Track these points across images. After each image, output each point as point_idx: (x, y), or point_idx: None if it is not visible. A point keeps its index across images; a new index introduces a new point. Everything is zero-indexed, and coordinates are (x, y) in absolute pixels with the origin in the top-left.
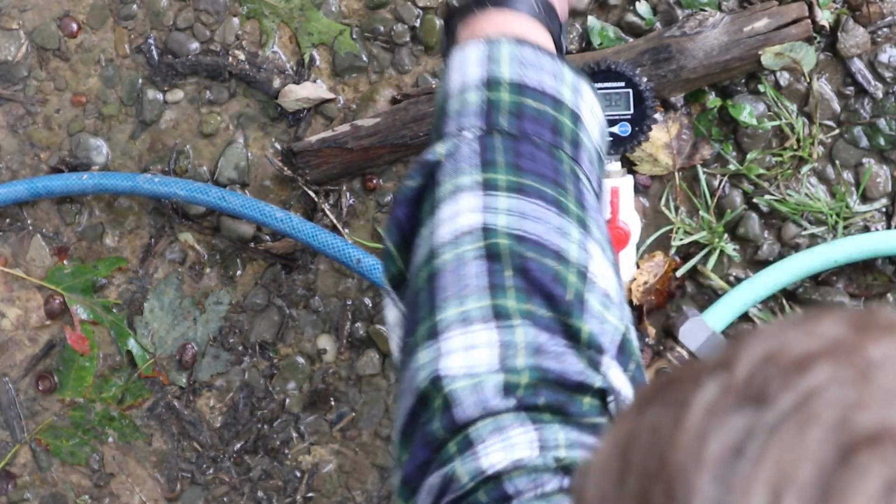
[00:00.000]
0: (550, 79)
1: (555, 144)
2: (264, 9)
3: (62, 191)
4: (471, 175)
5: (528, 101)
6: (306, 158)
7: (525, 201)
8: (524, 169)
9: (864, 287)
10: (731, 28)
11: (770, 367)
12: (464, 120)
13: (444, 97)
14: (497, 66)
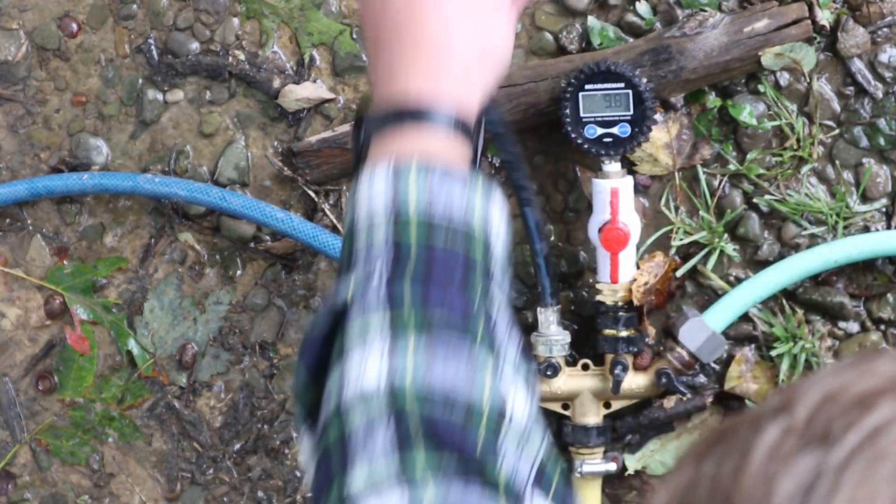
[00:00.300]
0: (460, 211)
1: (465, 281)
2: (264, 9)
3: (62, 191)
4: (379, 319)
5: (436, 240)
6: (306, 158)
7: (434, 345)
8: (432, 313)
9: (864, 287)
10: (731, 29)
11: (832, 407)
12: (372, 259)
13: (352, 226)
14: (405, 198)
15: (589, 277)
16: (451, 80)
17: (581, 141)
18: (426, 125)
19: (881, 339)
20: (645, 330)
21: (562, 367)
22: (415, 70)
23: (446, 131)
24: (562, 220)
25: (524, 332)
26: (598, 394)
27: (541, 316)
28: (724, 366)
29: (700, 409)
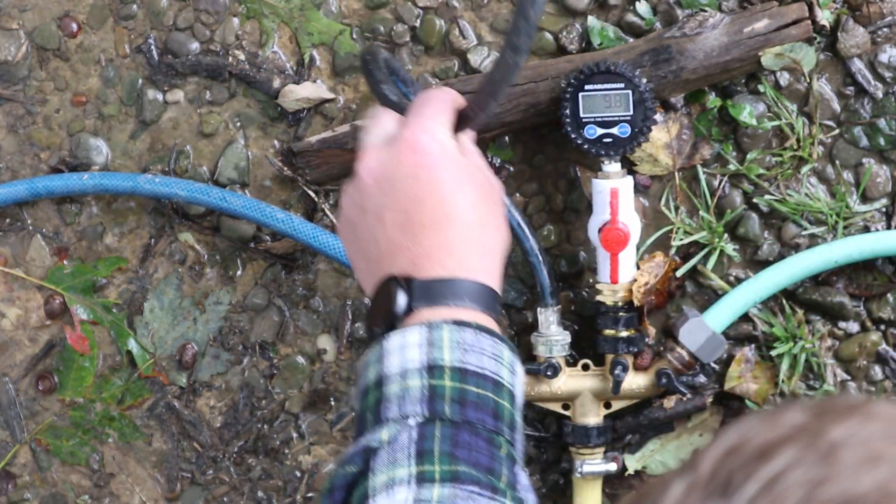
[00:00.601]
0: (491, 361)
1: (495, 430)
2: (264, 9)
3: (62, 191)
4: (406, 468)
5: (469, 388)
6: (306, 158)
7: (459, 489)
8: (460, 458)
9: (864, 287)
10: (731, 29)
11: (733, 459)
12: (406, 406)
13: (381, 379)
14: (439, 351)
15: (589, 277)
16: (492, 268)
17: (581, 141)
18: (468, 301)
19: (881, 338)
20: (645, 330)
21: (562, 368)
22: (469, 257)
23: (475, 305)
24: (562, 220)
25: (524, 331)
26: (599, 394)
27: (541, 316)
28: (724, 366)
29: (700, 409)
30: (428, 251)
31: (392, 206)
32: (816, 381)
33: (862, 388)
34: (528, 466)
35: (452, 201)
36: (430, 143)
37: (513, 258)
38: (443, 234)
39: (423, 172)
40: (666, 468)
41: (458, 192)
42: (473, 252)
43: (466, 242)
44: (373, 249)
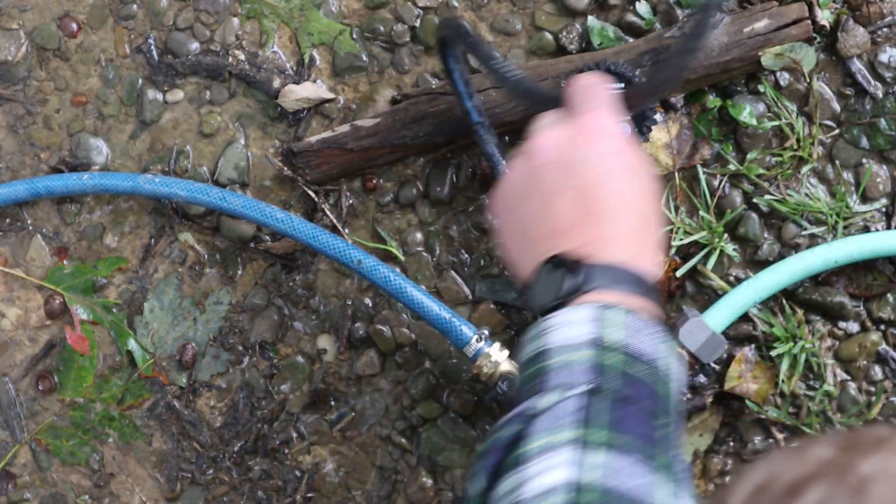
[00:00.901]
0: (658, 348)
1: (655, 412)
2: (264, 9)
3: (62, 191)
4: (569, 432)
5: (636, 368)
6: (306, 158)
7: (621, 458)
8: (625, 430)
9: (864, 287)
10: (730, 29)
11: (762, 498)
12: (572, 377)
13: (542, 352)
14: (609, 329)
15: None
16: (650, 257)
17: None
18: (628, 287)
19: (881, 338)
20: None
21: None
22: (627, 245)
23: (645, 294)
24: None
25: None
26: None
27: None
28: (724, 366)
29: (700, 409)
30: (603, 236)
31: (568, 188)
32: (816, 382)
33: (862, 388)
34: None
35: (627, 191)
36: (606, 132)
37: None
38: (618, 222)
39: (601, 160)
40: None
41: (632, 182)
42: (643, 243)
43: (637, 233)
44: (541, 227)
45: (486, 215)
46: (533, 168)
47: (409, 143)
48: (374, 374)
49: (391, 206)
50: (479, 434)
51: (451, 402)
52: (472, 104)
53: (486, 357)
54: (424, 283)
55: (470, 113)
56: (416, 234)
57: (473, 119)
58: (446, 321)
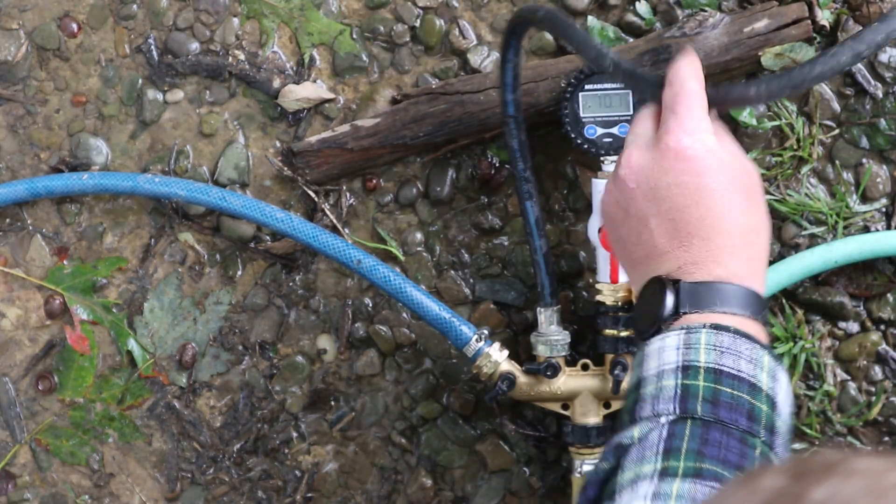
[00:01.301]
0: (748, 364)
1: (749, 431)
2: (264, 9)
3: (62, 191)
4: (652, 464)
5: (723, 388)
6: (306, 158)
7: (699, 485)
8: (707, 455)
9: (864, 287)
10: (731, 29)
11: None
12: (660, 405)
13: (640, 381)
14: (695, 352)
15: (589, 277)
16: (757, 270)
17: (581, 141)
18: (733, 306)
19: (881, 338)
20: None
21: (562, 367)
22: (737, 263)
23: (745, 311)
24: (562, 220)
25: (524, 331)
26: (598, 394)
27: (541, 316)
28: None
29: None
30: (695, 258)
31: (657, 214)
32: (816, 381)
33: (862, 388)
34: (529, 466)
35: (719, 210)
36: (693, 148)
37: (512, 258)
38: (710, 242)
39: (689, 179)
40: None
41: (725, 198)
42: (740, 257)
43: (734, 249)
44: (637, 251)
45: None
46: (623, 193)
47: (409, 143)
48: (374, 374)
49: (391, 206)
50: (478, 434)
51: (451, 402)
52: (512, 97)
53: (486, 357)
54: (424, 283)
55: (507, 105)
56: (416, 234)
57: (509, 112)
58: (446, 321)
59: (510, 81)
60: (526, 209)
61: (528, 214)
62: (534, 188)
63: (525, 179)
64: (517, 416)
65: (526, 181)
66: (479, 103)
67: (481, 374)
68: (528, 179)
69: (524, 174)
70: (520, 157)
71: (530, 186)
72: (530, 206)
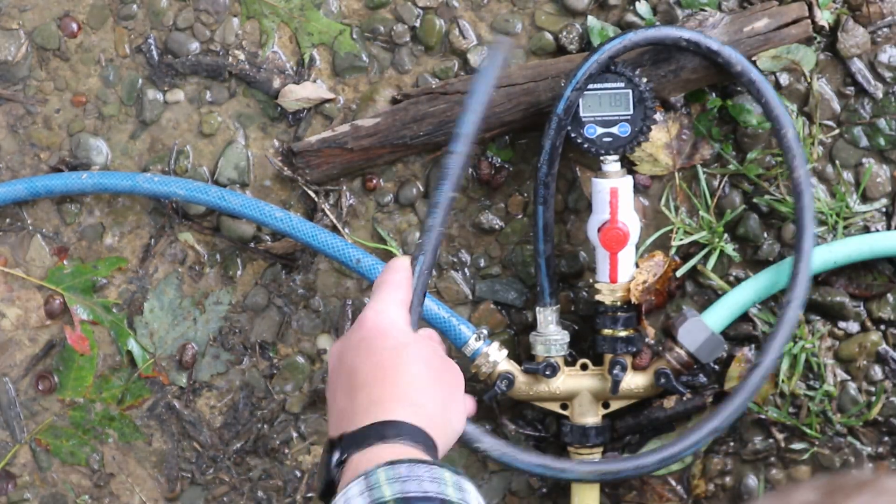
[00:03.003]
0: (432, 484)
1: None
2: (264, 9)
3: (62, 191)
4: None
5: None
6: (306, 158)
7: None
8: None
9: (864, 287)
10: (730, 28)
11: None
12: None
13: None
14: (378, 490)
15: (589, 277)
16: (425, 417)
17: (581, 140)
18: (382, 445)
19: (881, 338)
20: (644, 330)
21: (561, 367)
22: (394, 404)
23: (401, 442)
24: (561, 220)
25: (524, 331)
26: (597, 394)
27: (540, 315)
28: (723, 366)
29: (700, 409)
30: (358, 406)
31: (340, 380)
32: (816, 381)
33: (862, 388)
34: None
35: (387, 362)
36: (374, 319)
37: (512, 258)
38: (373, 390)
39: (363, 344)
40: (667, 469)
41: (396, 354)
42: (403, 400)
43: (395, 393)
44: (332, 422)
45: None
46: (328, 374)
47: (409, 143)
48: None
49: (391, 206)
50: None
51: None
52: (570, 94)
53: (485, 356)
54: None
55: (561, 101)
56: (416, 234)
57: (558, 110)
58: (445, 320)
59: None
60: (537, 212)
61: (538, 218)
62: (551, 195)
63: (545, 185)
64: (517, 415)
65: (545, 186)
66: None
67: (480, 374)
68: (548, 185)
69: (545, 179)
70: (547, 160)
71: (547, 193)
72: (542, 210)
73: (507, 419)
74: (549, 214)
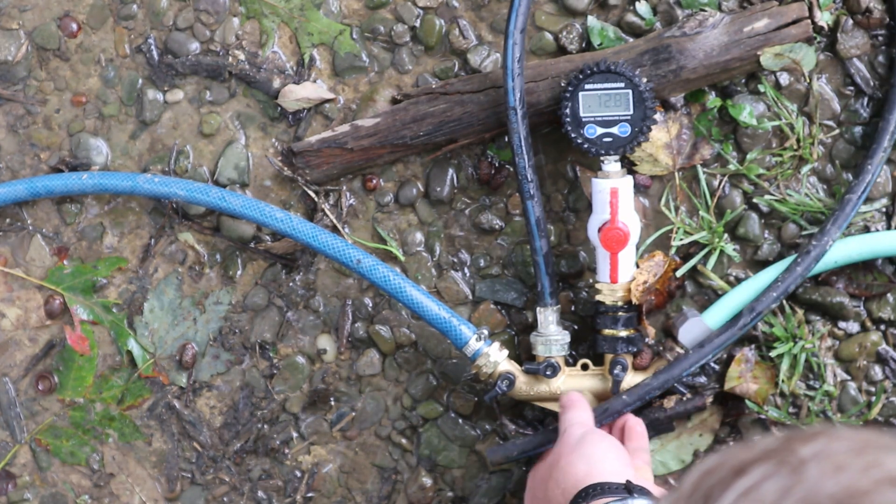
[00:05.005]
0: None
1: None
2: (264, 9)
3: (62, 191)
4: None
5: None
6: (306, 158)
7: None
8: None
9: (864, 287)
10: (731, 28)
11: (711, 477)
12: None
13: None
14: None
15: (589, 277)
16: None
17: (581, 141)
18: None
19: (881, 338)
20: (644, 330)
21: (561, 367)
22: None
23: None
24: (562, 220)
25: (524, 331)
26: (598, 394)
27: (540, 316)
28: (724, 366)
29: (700, 409)
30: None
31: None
32: (816, 381)
33: (862, 388)
34: (529, 466)
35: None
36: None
37: (512, 258)
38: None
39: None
40: (666, 468)
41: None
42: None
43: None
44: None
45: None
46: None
47: (409, 143)
48: (374, 374)
49: (391, 206)
50: (479, 434)
51: (452, 402)
52: (513, 84)
53: (486, 357)
54: (424, 283)
55: (509, 93)
56: (416, 234)
57: (510, 102)
58: (445, 321)
59: (512, 66)
60: (527, 209)
61: (528, 214)
62: (535, 187)
63: (526, 178)
64: (517, 416)
65: (527, 180)
66: (479, 103)
67: (481, 374)
68: (531, 179)
69: (525, 172)
70: (522, 154)
71: (532, 186)
72: (531, 205)
73: (507, 419)
74: (540, 209)
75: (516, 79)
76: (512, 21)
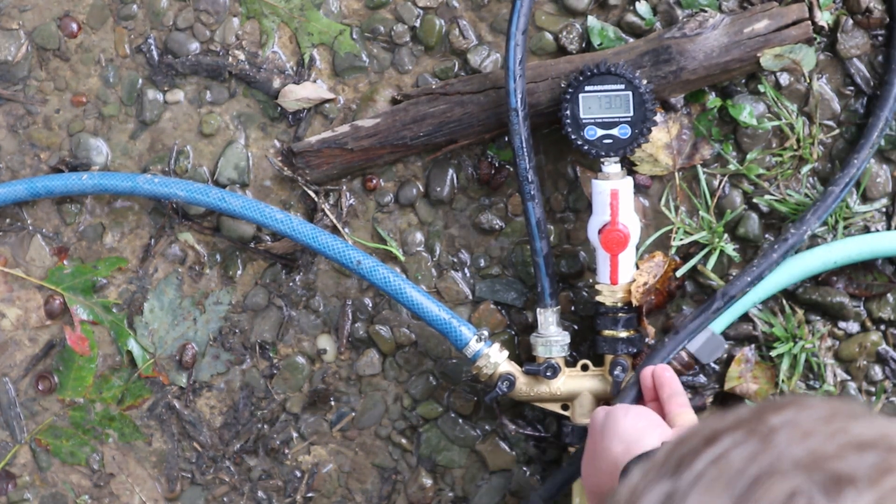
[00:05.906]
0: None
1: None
2: (264, 9)
3: (62, 191)
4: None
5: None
6: (306, 158)
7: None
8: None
9: (864, 287)
10: (731, 29)
11: (683, 447)
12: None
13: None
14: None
15: (589, 278)
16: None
17: (581, 142)
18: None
19: (881, 338)
20: (644, 330)
21: (561, 368)
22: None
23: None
24: (562, 221)
25: (524, 332)
26: (598, 394)
27: (540, 316)
28: (724, 366)
29: (700, 409)
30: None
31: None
32: (816, 381)
33: (862, 388)
34: (528, 466)
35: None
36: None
37: (512, 258)
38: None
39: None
40: None
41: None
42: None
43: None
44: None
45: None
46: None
47: (409, 144)
48: (374, 374)
49: (391, 206)
50: (479, 434)
51: (452, 402)
52: (514, 86)
53: (486, 358)
54: (424, 284)
55: (511, 95)
56: (416, 234)
57: (512, 104)
58: (445, 322)
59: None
60: (528, 210)
61: (529, 215)
62: (536, 189)
63: (526, 179)
64: (517, 416)
65: (528, 181)
66: (480, 104)
67: (481, 375)
68: (532, 180)
69: (525, 174)
70: (523, 155)
71: (532, 187)
72: (532, 207)
73: (507, 419)
74: (540, 210)
75: (518, 80)
76: (514, 22)
